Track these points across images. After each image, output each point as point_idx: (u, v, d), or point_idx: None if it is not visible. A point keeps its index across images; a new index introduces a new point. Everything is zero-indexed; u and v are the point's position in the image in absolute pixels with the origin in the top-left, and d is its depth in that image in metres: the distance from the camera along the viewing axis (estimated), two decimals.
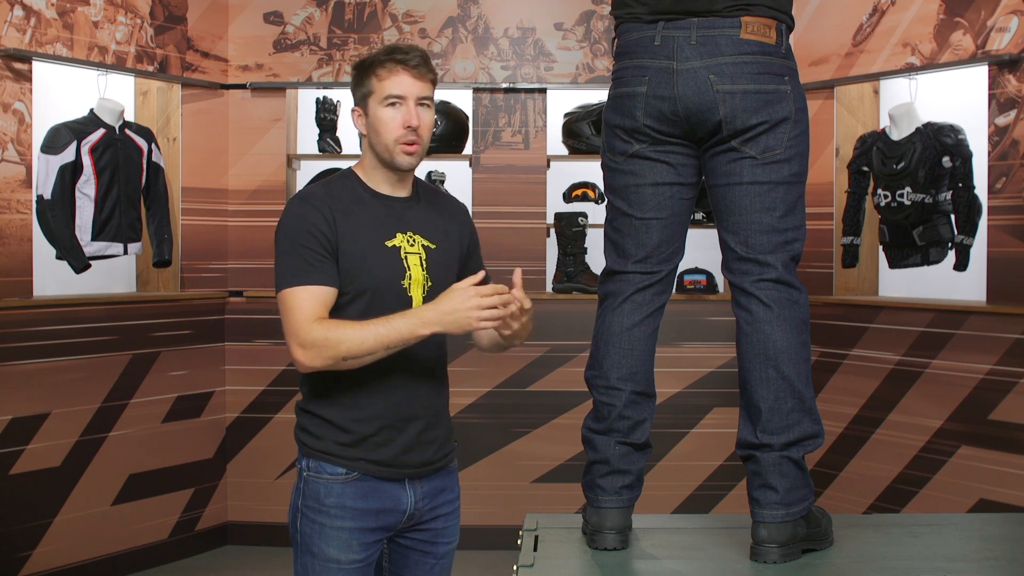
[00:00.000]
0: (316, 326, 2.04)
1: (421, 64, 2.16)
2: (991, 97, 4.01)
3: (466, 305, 2.02)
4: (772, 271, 1.96)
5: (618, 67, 2.05)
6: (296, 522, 2.20)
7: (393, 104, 2.15)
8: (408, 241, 2.18)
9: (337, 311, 2.13)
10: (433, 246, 2.22)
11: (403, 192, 2.23)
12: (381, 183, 2.21)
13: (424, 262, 2.19)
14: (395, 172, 2.20)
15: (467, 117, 4.93)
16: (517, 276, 2.11)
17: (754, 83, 1.93)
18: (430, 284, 2.19)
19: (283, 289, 2.08)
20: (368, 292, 2.13)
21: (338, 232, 2.11)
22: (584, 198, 5.00)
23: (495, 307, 2.03)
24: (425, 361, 2.20)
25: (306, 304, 2.06)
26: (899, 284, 4.64)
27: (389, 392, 2.16)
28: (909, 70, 4.29)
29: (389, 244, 2.16)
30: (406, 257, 2.17)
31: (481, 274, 2.09)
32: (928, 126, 4.20)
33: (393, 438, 2.16)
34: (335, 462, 2.16)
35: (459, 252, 2.29)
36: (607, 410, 2.04)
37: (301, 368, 2.09)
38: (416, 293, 2.17)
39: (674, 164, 2.02)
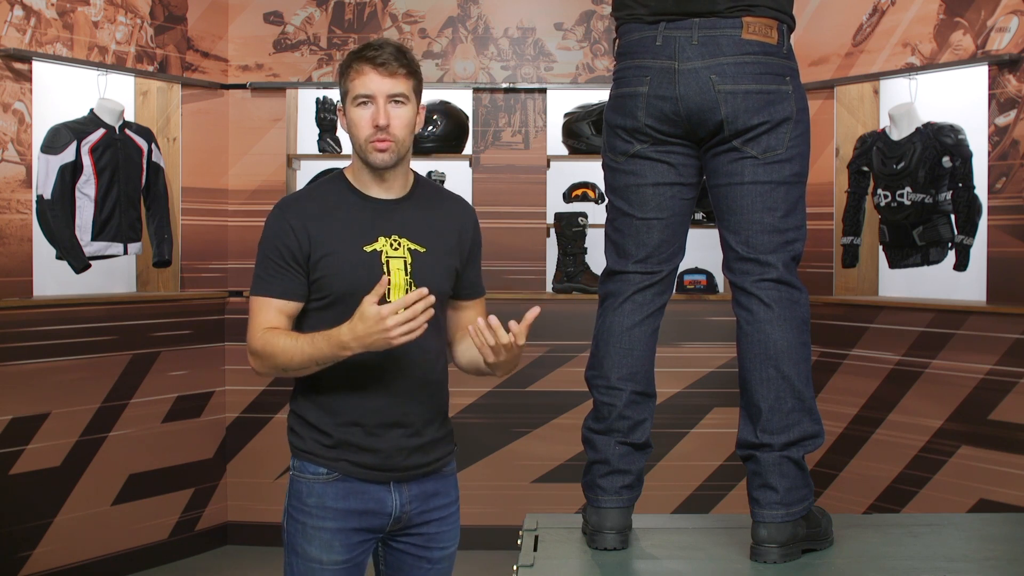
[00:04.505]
0: (260, 336, 2.11)
1: (391, 60, 2.11)
2: (991, 97, 4.01)
3: (377, 328, 1.97)
4: (773, 271, 1.96)
5: (619, 67, 2.05)
6: (284, 521, 2.21)
7: (363, 103, 2.12)
8: (392, 245, 2.15)
9: (314, 315, 2.14)
10: (422, 249, 2.18)
11: (393, 193, 2.20)
12: (368, 184, 2.19)
13: (408, 266, 2.15)
14: (375, 171, 2.17)
15: (467, 117, 4.93)
16: (531, 315, 2.04)
17: (755, 83, 1.93)
18: (414, 289, 2.13)
19: (251, 296, 2.18)
20: (343, 297, 2.10)
21: (311, 240, 2.11)
22: (584, 198, 5.00)
23: (409, 319, 1.97)
24: (411, 367, 2.16)
25: (261, 314, 2.13)
26: (899, 284, 4.64)
27: (367, 398, 2.14)
28: (909, 70, 4.29)
29: (368, 249, 2.13)
30: (387, 261, 2.14)
31: (421, 291, 1.99)
32: (928, 126, 4.20)
33: (373, 444, 2.14)
34: (317, 462, 2.16)
35: (458, 254, 2.25)
36: (607, 410, 2.04)
37: (255, 372, 2.18)
38: (396, 298, 2.11)
39: (675, 164, 2.02)
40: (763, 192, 1.96)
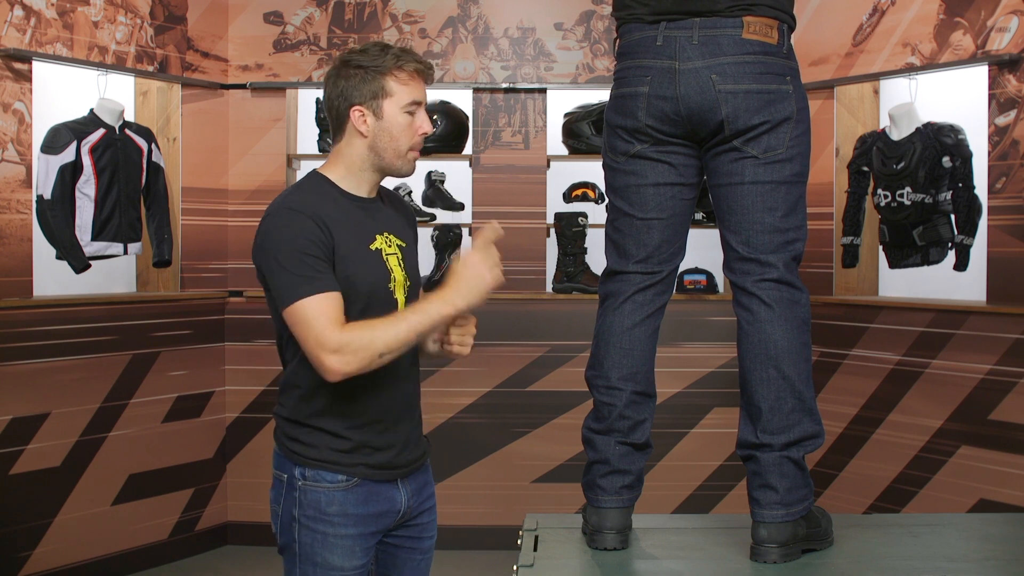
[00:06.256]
0: (345, 331, 1.96)
1: (430, 70, 2.14)
2: (991, 97, 4.01)
3: (483, 272, 2.03)
4: (773, 271, 1.96)
5: (620, 67, 2.05)
6: (293, 532, 2.17)
7: (412, 111, 2.11)
8: (386, 242, 2.15)
9: None
10: (404, 244, 2.19)
11: (374, 194, 2.19)
12: (359, 186, 2.15)
13: (402, 262, 2.16)
14: (384, 176, 2.16)
15: (467, 117, 4.93)
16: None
17: (756, 83, 1.93)
18: (409, 284, 2.15)
19: (295, 302, 1.96)
20: (363, 297, 2.08)
21: (334, 239, 2.04)
22: (584, 198, 5.00)
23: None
24: (403, 358, 2.14)
25: (324, 312, 1.96)
26: (899, 284, 4.64)
27: (377, 395, 2.12)
28: (909, 70, 4.29)
29: (372, 247, 2.12)
30: (387, 259, 2.13)
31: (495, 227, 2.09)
32: (928, 126, 4.20)
33: (389, 440, 2.15)
34: (335, 469, 2.12)
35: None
36: (607, 410, 2.04)
37: (333, 376, 1.97)
38: (400, 295, 2.13)
39: (675, 164, 2.03)
40: (763, 192, 1.96)
